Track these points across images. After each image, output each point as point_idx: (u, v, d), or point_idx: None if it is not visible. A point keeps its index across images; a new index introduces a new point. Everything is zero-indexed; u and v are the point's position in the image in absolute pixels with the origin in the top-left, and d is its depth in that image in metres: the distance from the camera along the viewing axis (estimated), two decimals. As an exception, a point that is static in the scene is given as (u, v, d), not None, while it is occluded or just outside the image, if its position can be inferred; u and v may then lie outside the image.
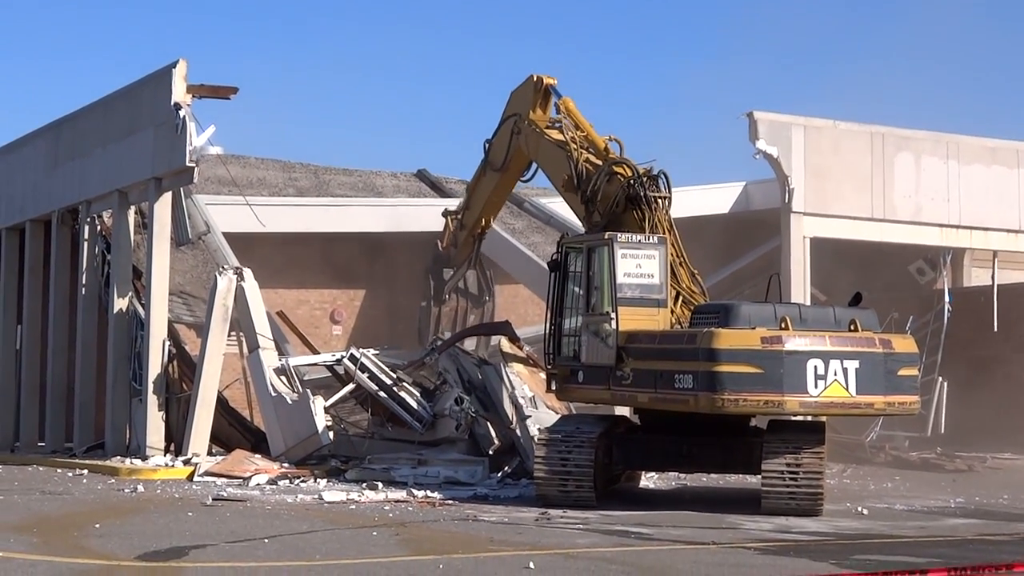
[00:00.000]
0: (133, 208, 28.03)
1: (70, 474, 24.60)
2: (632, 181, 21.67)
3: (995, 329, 33.27)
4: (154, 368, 26.04)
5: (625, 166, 22.05)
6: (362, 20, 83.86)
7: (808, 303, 28.90)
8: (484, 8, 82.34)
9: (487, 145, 25.96)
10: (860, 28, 79.79)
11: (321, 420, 24.37)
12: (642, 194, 21.47)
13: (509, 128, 25.03)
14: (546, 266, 22.89)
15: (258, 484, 22.38)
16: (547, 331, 21.80)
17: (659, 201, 21.55)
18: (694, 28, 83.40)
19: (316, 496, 20.56)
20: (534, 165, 25.35)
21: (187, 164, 24.99)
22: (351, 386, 25.81)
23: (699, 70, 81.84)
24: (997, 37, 74.07)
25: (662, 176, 21.76)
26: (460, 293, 30.17)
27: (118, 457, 26.25)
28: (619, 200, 21.69)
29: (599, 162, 22.46)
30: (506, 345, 25.61)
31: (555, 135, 23.58)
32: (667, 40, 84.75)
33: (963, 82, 74.00)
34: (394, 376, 25.70)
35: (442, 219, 29.52)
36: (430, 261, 30.21)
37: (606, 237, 20.51)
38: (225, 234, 30.04)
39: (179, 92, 25.44)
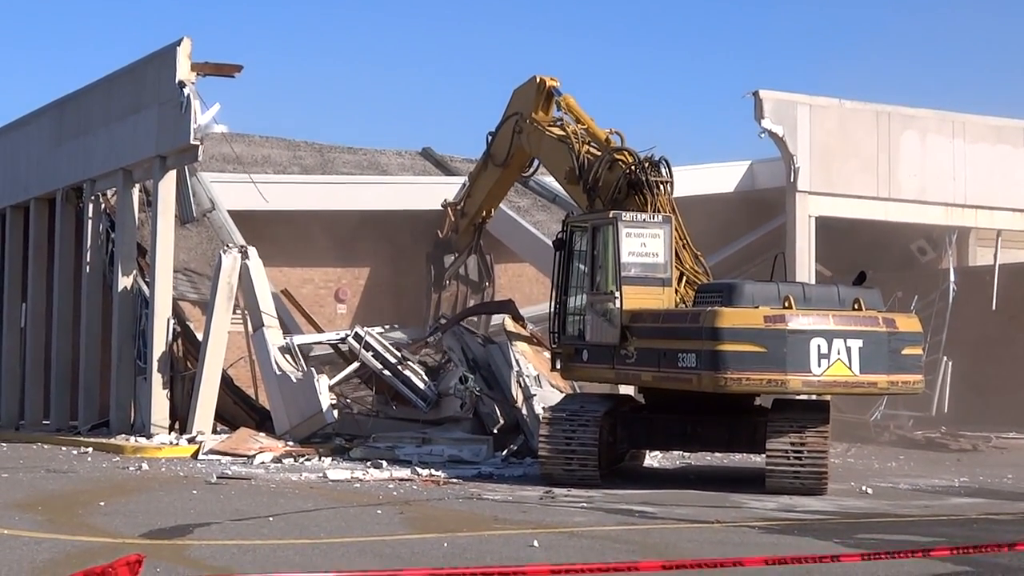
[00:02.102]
0: (137, 186, 28.02)
1: (75, 452, 24.64)
2: (633, 166, 21.67)
3: (993, 308, 33.22)
4: (158, 346, 26.06)
5: (626, 153, 22.06)
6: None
7: (813, 281, 28.86)
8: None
9: (489, 138, 25.96)
10: (865, 6, 79.57)
11: (326, 398, 24.40)
12: (644, 179, 21.47)
13: (511, 127, 25.06)
14: (551, 244, 22.88)
15: (262, 462, 22.41)
16: (552, 310, 21.81)
17: (661, 186, 21.55)
18: (699, 9, 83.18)
19: (320, 474, 20.60)
20: (536, 161, 25.41)
21: (191, 142, 24.97)
22: (355, 365, 25.84)
23: (704, 50, 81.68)
24: (1003, 15, 73.84)
25: (663, 161, 21.78)
26: (460, 280, 30.21)
27: (123, 435, 26.29)
28: (621, 186, 21.70)
29: (600, 153, 22.48)
30: (510, 324, 25.63)
31: (557, 131, 23.63)
32: (670, 22, 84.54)
33: (969, 60, 73.84)
34: (399, 355, 25.72)
35: (444, 204, 29.57)
36: (431, 247, 30.23)
37: (610, 216, 20.51)
38: (230, 212, 30.04)
39: (183, 70, 25.39)
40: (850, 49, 77.77)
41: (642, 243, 20.33)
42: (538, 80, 24.43)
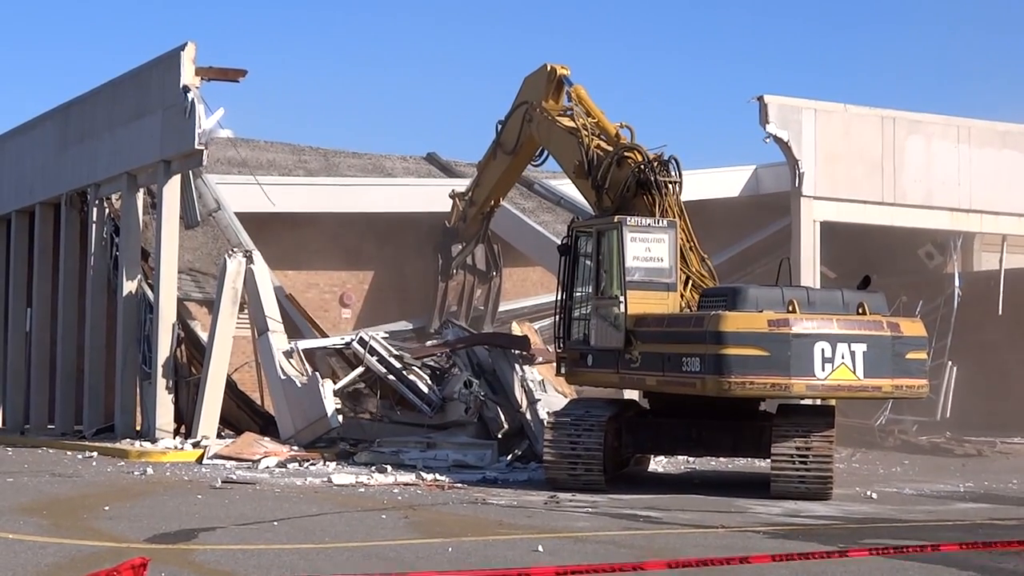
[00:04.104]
0: (142, 190, 28.03)
1: (80, 456, 24.65)
2: (642, 166, 21.64)
3: (1000, 312, 33.19)
4: (163, 351, 26.07)
5: (636, 151, 22.03)
6: (372, 5, 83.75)
7: (817, 286, 28.85)
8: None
9: (499, 126, 26.00)
10: (870, 12, 79.56)
11: (330, 403, 24.39)
12: (652, 179, 21.44)
13: (521, 115, 25.08)
14: (557, 242, 22.89)
15: (267, 467, 22.42)
16: (556, 314, 21.80)
17: (669, 186, 21.51)
18: (705, 11, 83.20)
19: (325, 479, 20.59)
20: (544, 151, 25.40)
21: (196, 147, 25.00)
22: (360, 369, 25.84)
23: (709, 55, 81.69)
24: (1009, 20, 73.81)
25: (673, 161, 21.73)
26: (468, 269, 30.27)
27: (128, 440, 26.32)
28: (630, 185, 21.68)
29: (610, 148, 22.44)
30: (517, 330, 25.66)
31: (566, 123, 23.58)
32: (674, 27, 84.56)
33: (974, 66, 73.79)
34: (403, 359, 25.71)
35: (450, 200, 29.63)
36: (439, 236, 30.32)
37: (615, 220, 20.49)
38: (235, 214, 30.04)
39: (188, 75, 25.43)
40: (855, 54, 77.76)
41: (647, 248, 20.31)
42: (549, 68, 24.42)
